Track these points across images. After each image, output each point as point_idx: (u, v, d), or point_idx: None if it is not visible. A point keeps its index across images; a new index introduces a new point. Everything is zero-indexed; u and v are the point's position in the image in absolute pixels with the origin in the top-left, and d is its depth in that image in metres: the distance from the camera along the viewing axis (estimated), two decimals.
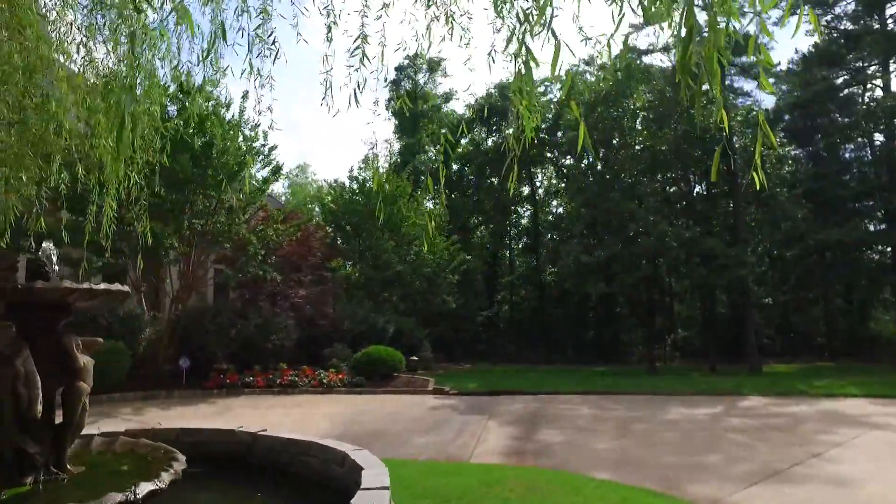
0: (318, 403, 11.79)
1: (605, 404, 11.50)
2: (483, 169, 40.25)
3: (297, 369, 14.81)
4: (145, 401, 11.68)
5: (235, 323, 14.28)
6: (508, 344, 38.22)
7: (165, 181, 11.95)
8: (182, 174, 11.77)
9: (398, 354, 15.74)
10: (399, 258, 20.87)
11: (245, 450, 5.20)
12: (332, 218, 21.41)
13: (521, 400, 12.44)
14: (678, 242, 19.22)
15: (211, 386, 13.10)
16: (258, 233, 13.53)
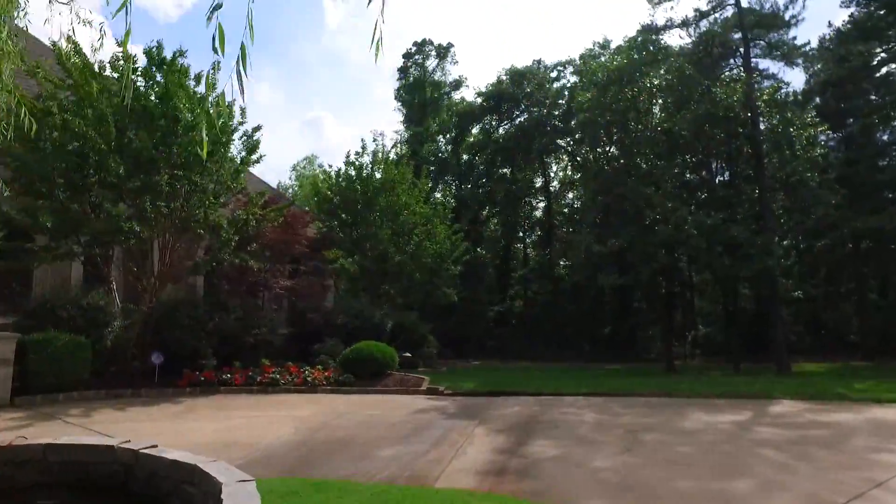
0: (294, 404, 10.65)
1: (614, 408, 10.17)
2: (494, 158, 38.84)
3: (280, 366, 13.71)
4: (105, 400, 10.64)
5: (213, 315, 13.21)
6: (520, 340, 36.84)
7: (130, 161, 10.91)
8: (146, 152, 10.70)
9: (390, 351, 14.55)
10: (398, 248, 19.65)
11: (125, 473, 4.04)
12: (328, 206, 20.26)
13: (520, 402, 11.17)
14: (699, 230, 17.70)
15: (184, 384, 12.04)
16: (234, 217, 12.41)
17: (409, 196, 20.45)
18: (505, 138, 38.34)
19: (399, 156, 23.63)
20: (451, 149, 40.72)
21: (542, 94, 36.96)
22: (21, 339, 10.60)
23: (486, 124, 40.23)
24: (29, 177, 10.61)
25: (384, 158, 20.71)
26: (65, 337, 10.67)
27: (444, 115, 41.03)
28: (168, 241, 12.31)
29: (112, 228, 10.43)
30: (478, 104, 38.90)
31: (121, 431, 7.69)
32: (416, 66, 40.88)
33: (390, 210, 20.06)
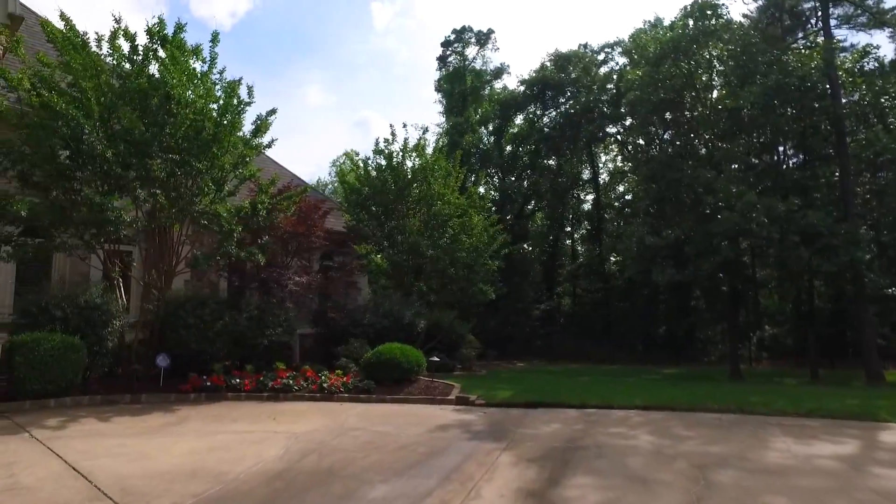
0: (299, 416, 9.37)
1: (674, 429, 8.40)
2: (539, 149, 36.92)
3: (296, 370, 12.53)
4: (97, 407, 9.66)
5: (222, 315, 12.13)
6: (568, 340, 34.87)
7: (120, 144, 9.88)
8: (137, 134, 9.64)
9: (416, 354, 13.12)
10: (430, 241, 18.21)
11: None
12: (357, 198, 19.02)
13: (561, 417, 9.54)
14: (769, 217, 15.46)
15: (188, 389, 10.98)
16: (237, 207, 11.25)
17: (442, 185, 18.98)
18: (550, 127, 36.39)
19: (437, 146, 22.16)
20: (494, 140, 39.05)
21: (589, 78, 34.82)
22: (9, 340, 9.77)
23: (530, 113, 38.36)
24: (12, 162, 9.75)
25: (417, 145, 19.27)
26: (56, 338, 9.74)
27: (485, 104, 39.41)
28: (170, 233, 11.28)
29: (97, 219, 9.43)
30: (520, 92, 37.08)
31: (82, 448, 6.59)
32: (456, 54, 39.42)
33: (423, 201, 18.66)
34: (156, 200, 9.99)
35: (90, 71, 9.64)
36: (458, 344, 19.80)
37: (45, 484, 5.41)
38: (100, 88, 9.69)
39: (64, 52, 9.80)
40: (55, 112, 9.11)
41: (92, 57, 9.88)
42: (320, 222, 14.46)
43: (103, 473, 5.67)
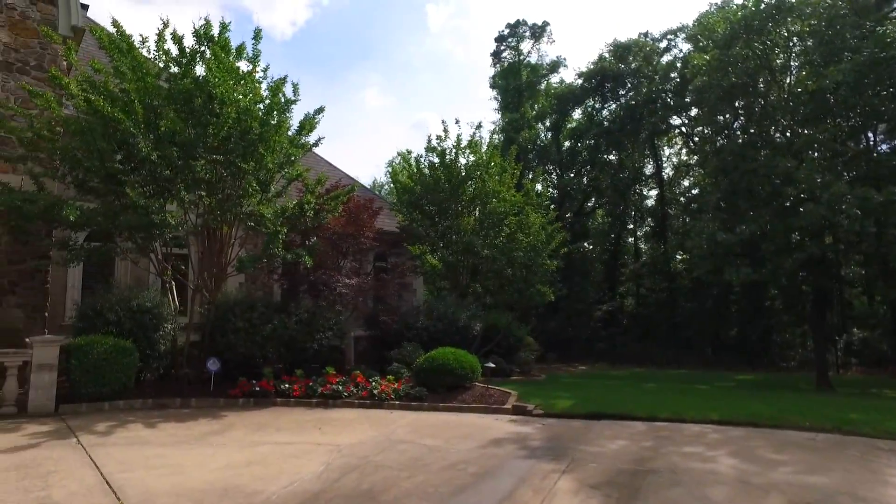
0: (346, 426, 8.95)
1: (760, 450, 7.38)
2: (598, 143, 35.47)
3: (347, 375, 12.17)
4: (147, 411, 9.58)
5: (271, 318, 11.92)
6: (632, 342, 33.33)
7: (165, 146, 9.77)
8: (181, 135, 9.50)
9: (470, 360, 12.49)
10: (485, 241, 17.54)
11: None
12: (409, 197, 18.60)
13: (627, 432, 8.67)
14: (862, 209, 13.85)
15: (237, 394, 10.80)
16: (281, 207, 10.95)
17: (497, 182, 18.27)
18: (609, 121, 34.91)
19: (491, 143, 21.45)
20: (551, 135, 37.92)
21: (650, 68, 33.15)
22: (65, 343, 9.86)
23: (588, 107, 36.99)
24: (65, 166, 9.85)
25: (470, 141, 18.64)
26: (108, 341, 9.76)
27: (541, 99, 38.33)
28: (220, 235, 11.15)
29: (143, 222, 9.34)
30: (578, 85, 35.79)
31: (121, 458, 6.36)
32: (510, 49, 38.53)
33: (478, 199, 18.02)
34: (202, 203, 9.84)
35: (137, 73, 9.59)
36: (516, 347, 19.05)
37: (75, 499, 5.15)
38: (145, 90, 9.63)
39: (111, 56, 9.81)
40: (103, 116, 9.09)
41: (138, 59, 9.84)
42: (370, 222, 14.08)
43: (133, 490, 5.36)
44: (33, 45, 12.12)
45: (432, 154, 18.67)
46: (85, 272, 13.61)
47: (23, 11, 12.10)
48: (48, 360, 9.38)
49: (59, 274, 13.10)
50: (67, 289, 13.21)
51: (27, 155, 10.60)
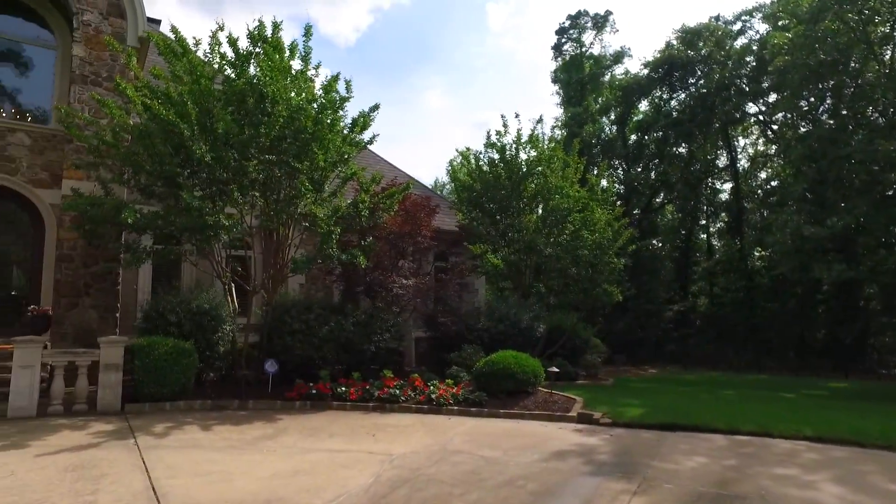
0: (401, 432, 8.60)
1: (871, 477, 6.41)
2: (667, 136, 33.74)
3: (405, 379, 11.87)
4: (205, 413, 9.61)
5: (328, 320, 11.78)
6: (705, 344, 31.47)
7: (219, 147, 9.77)
8: (233, 136, 9.46)
9: (533, 364, 11.89)
10: (548, 239, 16.83)
11: None
12: (469, 195, 18.14)
13: (706, 446, 7.84)
14: None
15: (293, 396, 10.70)
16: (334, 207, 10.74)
17: (560, 178, 17.51)
18: (679, 111, 33.14)
19: (552, 138, 20.66)
20: (616, 129, 36.46)
21: (723, 53, 31.16)
22: (130, 344, 10.06)
23: (655, 98, 35.30)
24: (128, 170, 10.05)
25: (531, 136, 17.96)
26: (168, 342, 9.89)
27: (605, 92, 36.96)
28: (275, 237, 11.10)
29: (197, 224, 9.36)
30: (644, 76, 34.20)
31: (172, 463, 6.26)
32: (572, 41, 37.35)
33: (540, 195, 17.33)
34: (255, 204, 9.80)
35: (192, 76, 9.66)
36: (582, 349, 18.23)
37: None
38: (200, 93, 9.68)
39: (167, 60, 9.94)
40: (161, 120, 9.19)
41: (193, 62, 9.91)
42: (427, 220, 13.73)
43: (177, 499, 5.19)
44: (105, 58, 12.57)
45: (492, 150, 18.14)
46: (154, 274, 14.01)
47: (97, 26, 12.56)
48: (114, 360, 9.59)
49: (131, 276, 13.55)
50: (138, 290, 13.63)
51: (98, 162, 10.97)
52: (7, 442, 7.23)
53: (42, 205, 12.32)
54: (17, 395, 8.96)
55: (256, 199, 9.89)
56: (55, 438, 7.46)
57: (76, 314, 11.72)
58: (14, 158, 12.35)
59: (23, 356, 9.04)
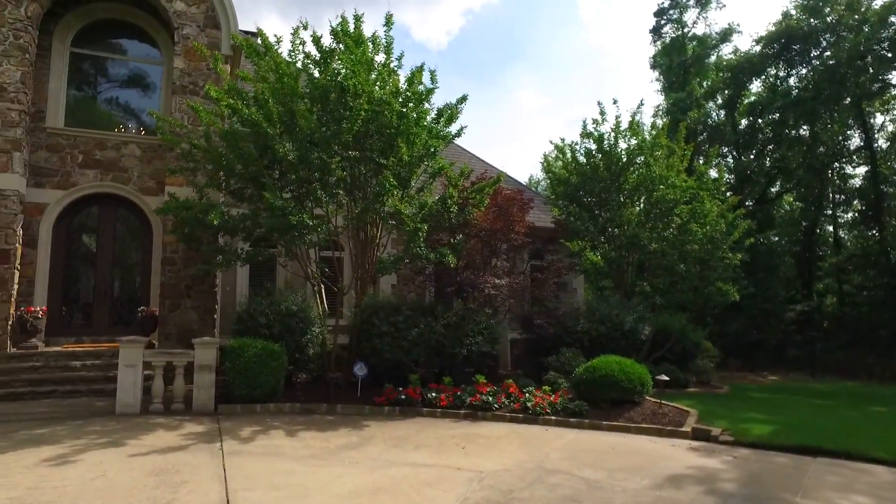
0: (495, 444, 7.92)
1: None
2: (785, 117, 30.41)
3: (498, 384, 11.17)
4: (293, 416, 9.46)
5: (417, 322, 11.32)
6: (836, 349, 27.96)
7: (303, 146, 9.59)
8: (317, 133, 9.23)
9: (639, 371, 10.76)
10: (652, 233, 15.45)
11: None
12: (565, 189, 17.09)
13: (865, 481, 6.46)
14: None
15: (382, 402, 10.33)
16: (423, 203, 10.24)
17: (664, 167, 16.04)
18: (800, 88, 29.77)
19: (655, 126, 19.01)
20: (725, 113, 33.50)
21: (857, 17, 27.47)
22: (223, 345, 10.16)
23: (770, 76, 31.98)
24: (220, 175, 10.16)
25: (631, 122, 16.62)
26: (258, 344, 9.85)
27: (711, 74, 34.10)
28: (362, 237, 10.82)
29: (281, 224, 9.22)
30: (756, 53, 31.08)
31: (251, 472, 5.99)
32: (672, 22, 34.81)
33: (642, 186, 15.97)
34: (341, 203, 9.53)
35: (275, 74, 9.58)
36: (692, 353, 16.61)
37: None
38: (283, 91, 9.56)
39: (251, 60, 9.95)
40: (246, 121, 9.17)
41: (276, 60, 9.84)
42: (520, 216, 12.92)
43: None
44: (202, 68, 12.98)
45: (588, 140, 16.97)
46: (251, 277, 14.34)
47: (195, 38, 12.99)
48: (207, 362, 9.70)
49: (230, 279, 13.94)
50: (236, 292, 13.98)
51: (192, 167, 11.28)
52: (110, 439, 7.39)
53: (149, 211, 12.92)
54: (123, 392, 9.27)
55: (341, 197, 9.62)
56: (150, 438, 7.52)
57: (178, 315, 12.13)
58: (127, 168, 13.07)
59: (127, 355, 9.35)
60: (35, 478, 5.79)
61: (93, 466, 6.17)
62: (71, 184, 12.63)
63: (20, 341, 11.39)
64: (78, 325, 12.63)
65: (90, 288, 12.87)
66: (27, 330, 11.44)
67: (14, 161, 11.55)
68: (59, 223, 12.57)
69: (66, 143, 12.74)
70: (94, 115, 13.67)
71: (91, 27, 13.57)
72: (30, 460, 6.39)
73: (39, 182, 12.41)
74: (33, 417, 8.85)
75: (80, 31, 13.44)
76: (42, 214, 12.35)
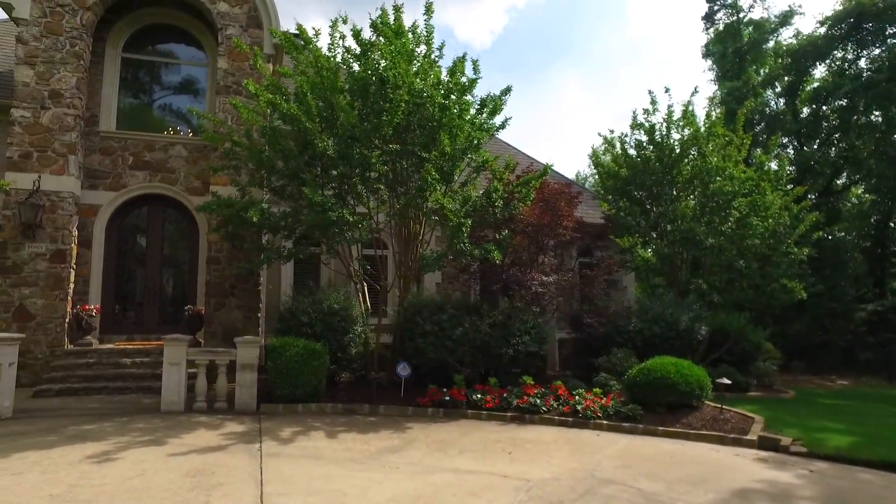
0: (544, 449, 7.49)
1: None
2: (854, 103, 28.44)
3: (546, 386, 10.70)
4: (335, 417, 9.27)
5: (462, 321, 10.97)
6: None
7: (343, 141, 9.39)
8: (357, 127, 9.00)
9: (698, 373, 10.09)
10: (709, 228, 14.60)
11: None
12: (614, 183, 16.39)
13: None
14: None
15: (426, 403, 10.04)
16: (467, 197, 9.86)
17: (721, 158, 15.13)
18: (872, 71, 27.79)
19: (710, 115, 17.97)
20: (785, 102, 31.68)
21: None
22: (265, 344, 10.10)
23: (836, 59, 30.00)
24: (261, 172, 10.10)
25: (685, 111, 15.77)
26: (299, 343, 9.72)
27: (769, 60, 32.31)
28: (404, 233, 10.55)
29: (321, 220, 9.02)
30: (821, 35, 29.21)
31: (287, 476, 5.78)
32: (726, 8, 33.14)
33: (697, 178, 15.11)
34: (382, 199, 9.28)
35: (314, 67, 9.42)
36: (752, 355, 15.61)
37: None
38: (322, 85, 9.39)
39: (290, 54, 9.84)
40: (285, 115, 9.04)
41: (315, 53, 9.68)
42: (568, 210, 12.39)
43: None
44: (245, 68, 13.03)
45: (639, 131, 16.20)
46: (295, 276, 14.35)
47: (238, 38, 13.11)
48: (249, 360, 9.64)
49: (275, 278, 13.98)
50: (281, 291, 14.01)
51: (232, 164, 11.31)
52: (152, 437, 7.37)
53: (195, 210, 13.07)
54: (167, 390, 9.32)
55: (382, 193, 9.37)
56: (191, 437, 7.46)
57: (223, 314, 12.19)
58: (174, 169, 13.28)
59: (171, 353, 9.39)
60: (77, 475, 5.77)
61: (133, 465, 6.11)
62: (122, 185, 12.91)
63: (76, 338, 11.71)
64: (129, 323, 12.91)
65: (140, 287, 13.13)
66: (82, 327, 11.75)
67: (70, 164, 11.87)
68: (112, 224, 12.87)
69: (117, 145, 13.04)
70: (144, 117, 13.97)
71: (140, 32, 13.88)
72: (75, 456, 6.41)
73: (93, 184, 12.73)
74: (85, 413, 9.00)
75: (130, 37, 13.76)
76: (96, 215, 12.67)
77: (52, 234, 11.56)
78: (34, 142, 11.66)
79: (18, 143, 11.62)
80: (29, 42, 11.94)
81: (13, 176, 11.48)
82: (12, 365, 8.93)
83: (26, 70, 11.87)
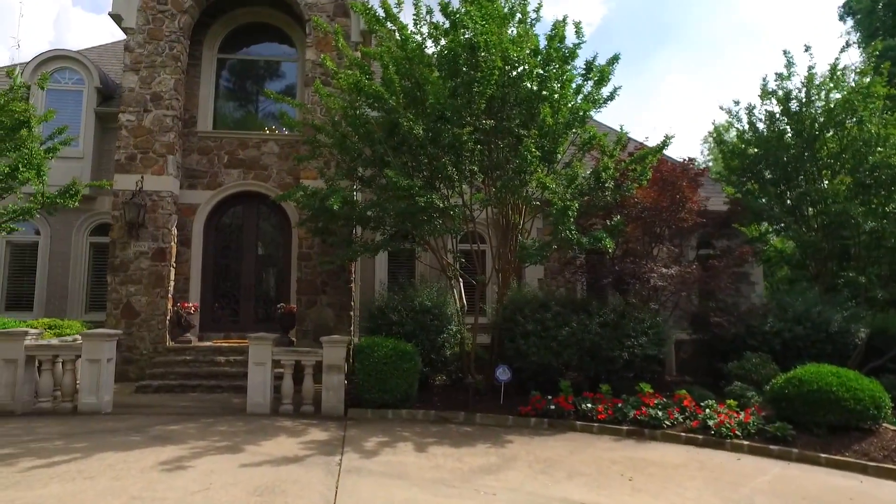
0: (672, 475, 6.09)
1: None
2: None
3: (669, 396, 9.14)
4: (426, 425, 8.36)
5: (569, 320, 9.65)
6: None
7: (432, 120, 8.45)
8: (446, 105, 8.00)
9: (870, 386, 8.07)
10: (867, 210, 12.14)
11: None
12: (741, 162, 14.20)
13: None
14: None
15: (528, 412, 8.87)
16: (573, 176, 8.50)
17: (882, 125, 12.54)
18: None
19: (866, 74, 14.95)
20: None
21: None
22: (352, 345, 9.44)
23: None
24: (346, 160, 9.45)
25: (833, 71, 13.28)
26: (388, 344, 8.93)
27: None
28: (502, 223, 9.44)
29: (409, 208, 8.12)
30: None
31: (365, 498, 4.91)
32: None
33: (849, 151, 12.64)
34: (474, 182, 8.24)
35: (396, 41, 8.59)
36: None
37: None
38: (407, 60, 8.52)
39: (370, 28, 9.10)
40: (369, 95, 8.28)
41: (398, 25, 8.83)
42: (690, 191, 10.65)
43: None
44: (332, 58, 12.62)
45: (770, 100, 13.89)
46: (389, 271, 13.76)
47: (325, 28, 12.73)
48: (336, 362, 9.00)
49: (369, 275, 13.45)
50: (374, 288, 13.44)
51: (328, 157, 10.85)
52: (230, 443, 6.89)
53: (287, 206, 12.82)
54: (253, 391, 8.91)
55: (476, 176, 8.32)
56: (269, 445, 6.87)
57: (314, 312, 11.77)
58: (266, 166, 13.13)
59: (256, 353, 8.98)
60: (142, 484, 5.30)
61: (201, 476, 5.55)
62: (218, 184, 12.93)
63: (176, 336, 11.81)
64: (226, 321, 12.89)
65: (236, 285, 13.09)
66: (182, 325, 11.83)
67: (168, 164, 12.00)
68: (209, 222, 12.93)
69: (213, 144, 13.10)
70: (237, 116, 14.00)
71: (234, 33, 13.93)
72: (149, 461, 6.02)
73: (192, 184, 12.85)
74: (175, 411, 8.83)
75: (225, 38, 13.85)
76: (195, 214, 12.77)
77: (153, 232, 11.73)
78: (137, 143, 11.91)
79: (124, 145, 11.92)
80: (134, 49, 12.24)
81: (120, 178, 11.78)
82: (111, 361, 8.90)
83: (132, 76, 12.16)
